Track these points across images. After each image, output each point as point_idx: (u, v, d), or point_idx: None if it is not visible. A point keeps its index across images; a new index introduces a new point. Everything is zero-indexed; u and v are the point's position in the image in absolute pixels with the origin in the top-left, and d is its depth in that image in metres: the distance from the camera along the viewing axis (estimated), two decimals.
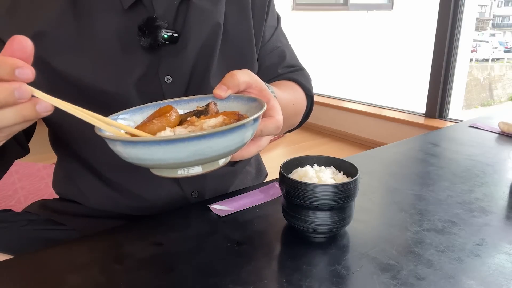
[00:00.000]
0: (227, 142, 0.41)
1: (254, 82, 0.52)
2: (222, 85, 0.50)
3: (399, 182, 0.77)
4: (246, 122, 0.41)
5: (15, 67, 0.34)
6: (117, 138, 0.40)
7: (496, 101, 9.73)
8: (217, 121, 0.45)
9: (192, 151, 0.39)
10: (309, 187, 0.52)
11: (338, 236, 0.56)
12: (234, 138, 0.41)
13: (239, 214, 0.63)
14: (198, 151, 0.39)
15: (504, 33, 11.66)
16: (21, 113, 0.36)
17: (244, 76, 0.51)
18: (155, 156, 0.39)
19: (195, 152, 0.39)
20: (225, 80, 0.51)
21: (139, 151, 0.39)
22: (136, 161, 0.41)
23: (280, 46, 0.83)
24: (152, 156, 0.39)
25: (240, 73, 0.51)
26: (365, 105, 3.47)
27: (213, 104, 0.51)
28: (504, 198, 0.69)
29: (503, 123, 1.05)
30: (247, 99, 0.51)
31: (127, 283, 0.47)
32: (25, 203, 1.85)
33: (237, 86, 0.51)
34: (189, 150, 0.39)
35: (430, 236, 0.56)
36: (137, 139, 0.39)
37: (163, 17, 0.66)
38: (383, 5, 5.76)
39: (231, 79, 0.50)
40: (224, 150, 0.41)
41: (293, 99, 0.76)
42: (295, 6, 4.51)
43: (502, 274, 0.48)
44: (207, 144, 0.39)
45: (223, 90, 0.50)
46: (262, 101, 0.48)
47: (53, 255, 0.54)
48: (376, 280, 0.47)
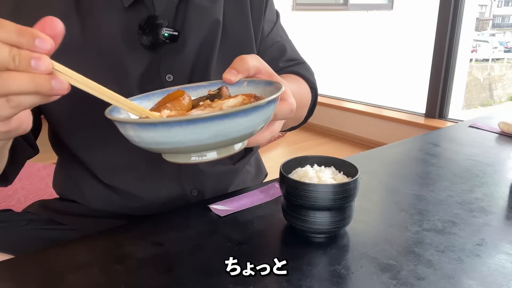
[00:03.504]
0: (250, 122, 0.39)
1: (263, 67, 0.51)
2: (232, 69, 0.48)
3: (399, 182, 0.77)
4: (270, 99, 0.39)
5: (36, 37, 0.32)
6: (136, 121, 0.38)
7: (496, 101, 9.73)
8: (236, 101, 0.43)
9: (214, 131, 0.37)
10: (309, 187, 0.52)
11: (338, 236, 0.56)
12: (256, 118, 0.39)
13: (239, 214, 0.63)
14: (220, 131, 0.37)
15: (504, 33, 11.66)
16: (34, 80, 0.33)
17: (254, 61, 0.50)
18: (175, 139, 0.37)
19: (217, 133, 0.37)
20: (235, 64, 0.49)
21: (158, 134, 0.37)
22: (152, 146, 0.39)
23: (280, 41, 0.83)
24: (173, 138, 0.37)
25: (250, 57, 0.49)
26: (365, 105, 3.46)
27: (225, 88, 0.49)
28: (504, 198, 0.69)
29: (503, 123, 1.05)
30: (262, 83, 0.49)
31: (127, 283, 0.47)
32: (25, 203, 1.84)
33: (247, 70, 0.49)
34: (211, 131, 0.37)
35: (430, 236, 0.56)
36: (157, 120, 0.37)
37: (164, 16, 0.66)
38: (383, 5, 5.76)
39: (241, 63, 0.49)
40: (245, 131, 0.40)
41: (298, 90, 0.75)
42: (295, 6, 4.51)
43: (502, 274, 0.48)
44: (230, 124, 0.37)
45: (233, 75, 0.48)
46: (278, 84, 0.46)
47: (53, 255, 0.54)
48: (376, 280, 0.47)
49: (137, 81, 0.66)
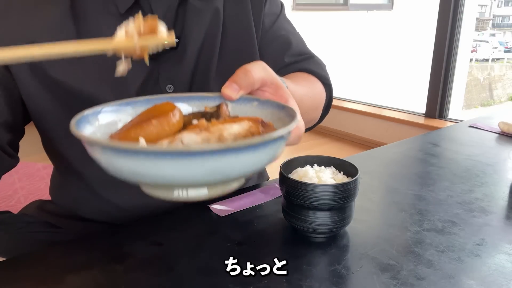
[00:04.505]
0: (257, 159, 0.31)
1: (269, 79, 0.43)
2: (233, 83, 0.41)
3: (399, 182, 0.77)
4: (285, 133, 0.32)
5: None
6: (108, 145, 0.30)
7: (496, 101, 9.72)
8: (241, 128, 0.34)
9: (210, 168, 0.29)
10: (309, 187, 0.52)
11: (338, 236, 0.56)
12: (266, 154, 0.32)
13: (239, 214, 0.63)
14: (217, 169, 0.29)
15: (504, 33, 11.66)
16: None
17: (259, 72, 0.42)
18: (160, 172, 0.29)
19: (213, 170, 0.29)
20: (237, 77, 0.41)
21: (138, 163, 0.29)
22: (127, 176, 0.31)
23: (284, 34, 0.76)
24: (157, 171, 0.29)
25: (255, 69, 0.42)
26: (365, 105, 3.46)
27: (225, 106, 0.41)
28: (504, 198, 0.69)
29: (503, 123, 1.05)
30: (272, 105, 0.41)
31: (127, 283, 0.47)
32: (25, 203, 1.84)
33: (251, 85, 0.41)
34: (207, 167, 0.29)
35: (430, 236, 0.56)
36: (141, 148, 0.29)
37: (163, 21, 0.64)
38: (383, 5, 5.76)
39: (245, 77, 0.41)
40: (249, 169, 0.32)
41: (309, 92, 0.69)
42: (295, 6, 4.51)
43: (502, 274, 0.48)
44: (232, 160, 0.29)
45: (234, 90, 0.41)
46: (291, 110, 0.38)
47: (53, 255, 0.54)
48: (376, 280, 0.47)
49: (137, 92, 0.63)
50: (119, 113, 0.40)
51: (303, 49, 0.78)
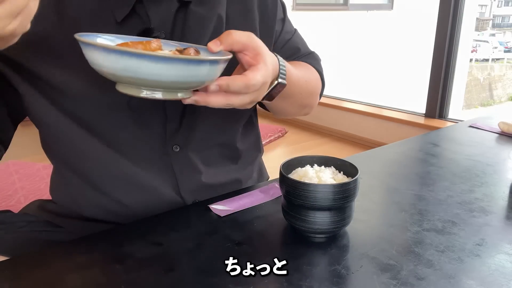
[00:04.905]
0: (174, 71, 0.44)
1: (251, 45, 0.52)
2: (217, 40, 0.51)
3: (399, 182, 0.77)
4: (205, 59, 0.46)
5: None
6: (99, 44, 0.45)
7: (496, 101, 9.73)
8: (171, 52, 0.49)
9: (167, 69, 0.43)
10: (309, 187, 0.52)
11: (338, 236, 0.56)
12: (182, 69, 0.45)
13: (239, 214, 0.63)
14: (171, 71, 0.44)
15: (504, 33, 11.66)
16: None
17: (241, 37, 0.52)
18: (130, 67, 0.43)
19: (169, 71, 0.44)
20: (221, 36, 0.52)
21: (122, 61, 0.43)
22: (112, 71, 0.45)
23: (291, 38, 0.80)
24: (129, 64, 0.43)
25: (238, 33, 0.52)
26: (365, 105, 3.46)
27: (193, 50, 0.52)
28: (504, 198, 0.69)
29: (503, 123, 1.05)
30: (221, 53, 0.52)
31: (127, 283, 0.47)
32: (25, 203, 1.84)
33: (230, 44, 0.51)
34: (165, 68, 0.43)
35: (430, 236, 0.56)
36: (123, 49, 0.44)
37: (160, 28, 0.62)
38: (383, 5, 5.76)
39: (226, 37, 0.51)
40: (174, 79, 0.45)
41: (305, 76, 0.73)
42: (295, 6, 4.51)
43: (502, 274, 0.48)
44: (169, 67, 0.43)
45: (215, 44, 0.51)
46: (228, 53, 0.50)
47: (53, 255, 0.54)
48: (376, 280, 0.47)
49: (137, 101, 0.62)
50: (114, 41, 0.53)
51: (305, 50, 0.83)
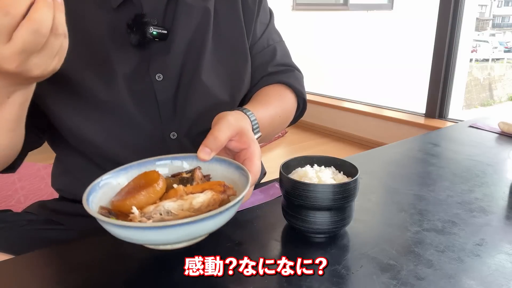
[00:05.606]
0: (217, 222, 0.45)
1: (234, 133, 0.55)
2: (205, 147, 0.53)
3: (399, 182, 0.77)
4: (235, 203, 0.45)
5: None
6: (111, 222, 0.43)
7: (496, 101, 9.73)
8: (205, 197, 0.48)
9: (182, 233, 0.43)
10: (309, 187, 0.52)
11: (338, 236, 0.56)
12: (223, 218, 0.45)
13: (239, 214, 0.63)
14: (188, 233, 0.43)
15: (504, 33, 11.66)
16: None
17: (225, 134, 0.53)
18: (147, 238, 0.43)
19: (187, 234, 0.44)
20: (208, 142, 0.53)
21: (131, 233, 0.43)
22: (126, 239, 0.44)
23: (272, 44, 0.82)
24: (145, 237, 0.43)
25: (221, 133, 0.53)
26: (365, 105, 3.46)
27: (198, 170, 0.54)
28: (504, 198, 0.69)
29: (503, 123, 1.05)
30: (230, 165, 0.54)
31: (127, 283, 0.47)
32: (25, 203, 1.84)
33: (220, 147, 0.53)
34: (179, 233, 0.43)
35: (430, 236, 0.56)
36: (130, 224, 0.43)
37: (152, 15, 0.67)
38: (383, 5, 5.76)
39: (214, 142, 0.53)
40: (213, 228, 0.46)
41: (280, 111, 0.75)
42: (295, 6, 4.51)
43: (502, 274, 0.48)
44: (197, 227, 0.43)
45: (206, 154, 0.52)
46: (247, 172, 0.51)
47: (53, 255, 0.54)
48: (376, 280, 0.47)
49: (126, 81, 0.66)
50: (117, 178, 0.53)
51: (286, 61, 0.84)
